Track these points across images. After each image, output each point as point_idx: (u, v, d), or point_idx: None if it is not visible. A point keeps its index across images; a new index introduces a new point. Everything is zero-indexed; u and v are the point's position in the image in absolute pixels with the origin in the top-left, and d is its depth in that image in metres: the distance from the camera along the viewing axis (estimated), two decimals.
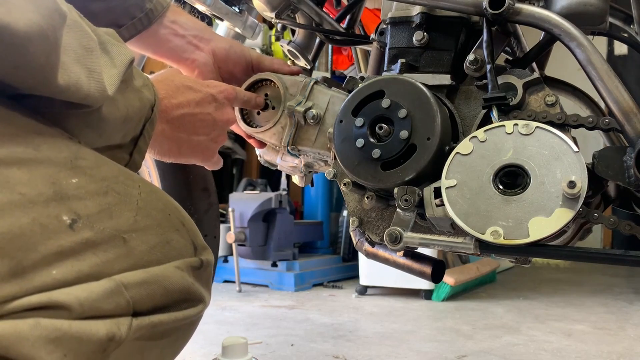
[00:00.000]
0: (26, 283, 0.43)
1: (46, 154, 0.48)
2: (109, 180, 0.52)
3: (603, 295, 2.95)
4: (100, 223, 0.49)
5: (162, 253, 0.53)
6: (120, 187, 0.53)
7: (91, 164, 0.52)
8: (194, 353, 1.77)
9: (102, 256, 0.48)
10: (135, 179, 0.56)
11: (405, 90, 0.84)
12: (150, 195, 0.56)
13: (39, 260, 0.44)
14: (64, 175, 0.48)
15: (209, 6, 1.26)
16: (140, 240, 0.52)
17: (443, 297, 2.75)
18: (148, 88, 0.67)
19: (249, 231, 3.11)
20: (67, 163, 0.49)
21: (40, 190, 0.46)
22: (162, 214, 0.56)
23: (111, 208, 0.50)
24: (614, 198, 0.91)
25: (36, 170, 0.46)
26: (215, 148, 0.86)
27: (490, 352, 1.84)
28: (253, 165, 4.50)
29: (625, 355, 1.83)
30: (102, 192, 0.50)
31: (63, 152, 0.50)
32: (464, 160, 0.78)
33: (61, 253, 0.45)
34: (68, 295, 0.44)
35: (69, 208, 0.47)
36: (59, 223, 0.46)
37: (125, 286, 0.48)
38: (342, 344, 1.93)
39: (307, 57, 1.21)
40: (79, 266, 0.46)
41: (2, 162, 0.45)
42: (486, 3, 0.82)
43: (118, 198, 0.52)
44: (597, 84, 0.78)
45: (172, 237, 0.55)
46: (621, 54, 4.69)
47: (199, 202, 1.35)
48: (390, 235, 0.81)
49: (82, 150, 0.52)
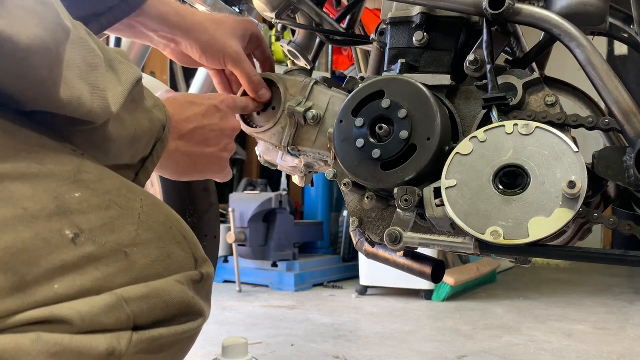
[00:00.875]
0: (28, 297, 0.43)
1: (49, 168, 0.49)
2: (111, 193, 0.52)
3: (603, 295, 2.95)
4: (102, 237, 0.49)
5: (162, 266, 0.54)
6: (123, 200, 0.53)
7: (94, 177, 0.52)
8: (194, 353, 1.77)
9: (103, 270, 0.48)
10: (137, 191, 0.56)
11: (405, 90, 0.84)
12: (151, 208, 0.56)
13: (41, 275, 0.44)
14: (67, 189, 0.49)
15: (209, 6, 1.26)
16: (142, 253, 0.52)
17: (443, 297, 2.75)
18: (159, 108, 0.68)
19: (249, 231, 3.11)
20: (70, 177, 0.50)
21: (44, 204, 0.46)
22: (164, 226, 0.56)
23: (113, 222, 0.51)
24: (614, 198, 0.91)
25: (39, 185, 0.47)
26: (227, 157, 0.87)
27: (490, 352, 1.84)
28: (253, 165, 4.50)
29: (625, 355, 1.83)
30: (105, 206, 0.51)
31: (66, 165, 0.50)
32: (463, 160, 0.78)
33: (63, 267, 0.45)
34: (69, 310, 0.44)
35: (72, 222, 0.47)
36: (61, 237, 0.46)
37: (126, 300, 0.49)
38: (342, 344, 1.93)
39: (307, 57, 1.21)
40: (81, 280, 0.46)
41: (7, 177, 0.45)
42: (486, 3, 0.82)
43: (120, 211, 0.52)
44: (597, 84, 0.78)
45: (172, 250, 0.56)
46: (621, 54, 4.69)
47: (199, 202, 1.35)
48: (390, 235, 0.81)
49: (85, 163, 0.53)
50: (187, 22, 0.90)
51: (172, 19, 0.88)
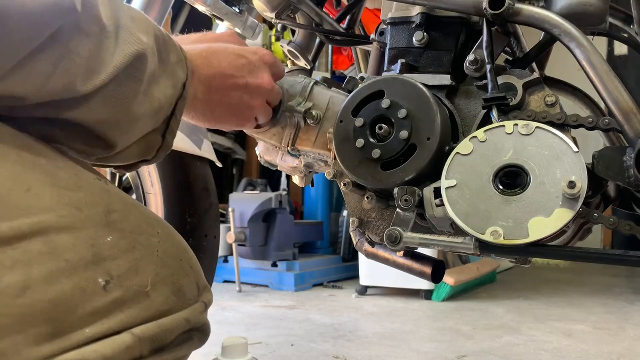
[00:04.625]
0: (64, 342, 0.48)
1: (86, 214, 0.53)
2: (135, 232, 0.57)
3: (603, 295, 2.95)
4: (128, 281, 0.54)
5: (174, 301, 0.58)
6: (144, 238, 0.57)
7: (121, 217, 0.56)
8: (193, 353, 1.76)
9: (127, 312, 0.53)
10: (154, 224, 0.60)
11: (405, 90, 0.84)
12: (166, 241, 0.60)
13: (76, 321, 0.49)
14: (101, 234, 0.53)
15: (209, 6, 1.26)
16: (159, 292, 0.56)
17: (443, 297, 2.75)
18: (181, 64, 0.68)
19: (249, 231, 3.11)
20: (103, 219, 0.55)
21: (82, 254, 0.51)
22: (176, 260, 0.60)
23: (137, 264, 0.55)
24: (614, 198, 0.91)
25: (79, 233, 0.52)
26: (249, 114, 0.85)
27: (490, 352, 1.84)
28: (253, 165, 4.50)
29: (625, 355, 1.83)
30: (131, 248, 0.55)
31: (99, 205, 0.55)
32: (463, 160, 0.78)
33: (94, 313, 0.50)
34: (96, 354, 0.49)
35: (104, 270, 0.52)
36: (94, 286, 0.51)
37: (140, 340, 0.53)
38: (342, 344, 1.93)
39: (307, 57, 1.21)
40: (108, 324, 0.51)
41: (53, 229, 0.50)
42: (486, 3, 0.82)
43: (143, 252, 0.56)
44: (597, 84, 0.78)
45: (183, 283, 0.60)
46: (621, 54, 4.69)
47: (199, 202, 1.35)
48: (390, 235, 0.81)
49: (112, 199, 0.57)
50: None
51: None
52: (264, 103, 0.87)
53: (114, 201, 0.57)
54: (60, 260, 0.49)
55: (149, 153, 0.69)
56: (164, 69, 0.64)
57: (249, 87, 0.82)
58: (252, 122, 0.88)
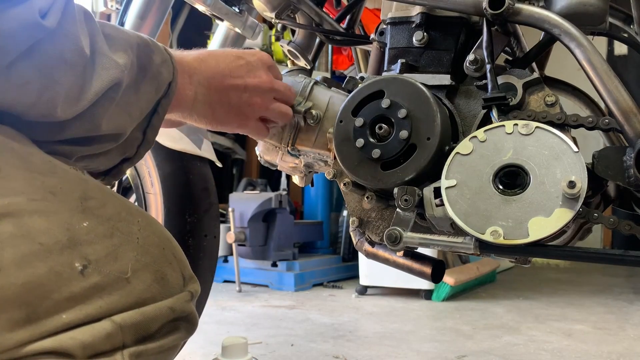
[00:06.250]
0: (39, 328, 0.47)
1: (61, 198, 0.52)
2: (113, 219, 0.56)
3: (603, 295, 2.95)
4: (107, 266, 0.52)
5: (157, 289, 0.56)
6: (123, 225, 0.56)
7: (98, 204, 0.55)
8: (194, 353, 1.77)
9: (107, 299, 0.51)
10: (134, 212, 0.59)
11: (405, 90, 0.84)
12: (147, 229, 0.59)
13: (52, 307, 0.47)
14: (77, 220, 0.52)
15: (208, 6, 1.26)
16: (140, 279, 0.55)
17: (443, 297, 2.75)
18: (166, 64, 0.69)
19: (249, 231, 3.11)
20: (79, 205, 0.53)
21: (57, 237, 0.50)
22: (158, 248, 0.59)
23: (117, 250, 0.54)
24: (614, 198, 0.91)
25: (54, 217, 0.50)
26: (250, 113, 0.85)
27: (490, 352, 1.84)
28: (253, 165, 4.50)
29: (625, 355, 1.83)
30: (109, 234, 0.54)
31: (75, 191, 0.54)
32: (464, 160, 0.78)
33: (71, 299, 0.49)
34: (74, 340, 0.48)
35: (81, 254, 0.51)
36: (71, 270, 0.49)
37: (122, 327, 0.51)
38: (342, 344, 1.93)
39: (307, 57, 1.21)
40: (87, 310, 0.49)
41: (25, 212, 0.49)
42: (486, 3, 0.82)
43: (122, 238, 0.55)
44: (597, 84, 0.78)
45: (166, 272, 0.58)
46: (621, 54, 4.69)
47: (199, 202, 1.35)
48: (390, 235, 0.81)
49: (89, 186, 0.56)
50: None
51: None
52: (271, 102, 0.87)
53: (91, 189, 0.56)
54: (33, 244, 0.48)
55: (129, 151, 0.70)
56: (145, 75, 0.64)
57: (247, 86, 0.82)
58: (253, 122, 0.88)
